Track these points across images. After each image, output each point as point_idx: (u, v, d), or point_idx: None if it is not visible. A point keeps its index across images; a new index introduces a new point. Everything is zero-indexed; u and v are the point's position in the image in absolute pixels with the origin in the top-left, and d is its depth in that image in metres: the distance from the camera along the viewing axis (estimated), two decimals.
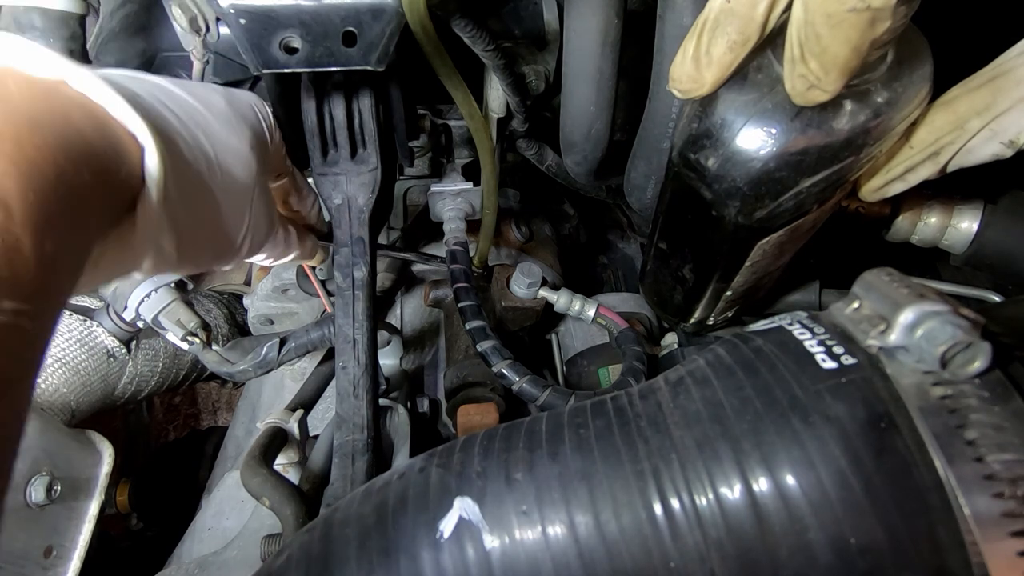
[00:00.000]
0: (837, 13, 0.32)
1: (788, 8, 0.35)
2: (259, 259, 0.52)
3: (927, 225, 0.61)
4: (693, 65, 0.40)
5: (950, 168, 0.46)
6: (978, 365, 0.29)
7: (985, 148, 0.44)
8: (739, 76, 0.41)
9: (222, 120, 0.40)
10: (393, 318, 0.88)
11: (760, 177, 0.44)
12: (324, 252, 0.61)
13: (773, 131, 0.41)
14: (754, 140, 0.42)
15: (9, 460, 0.24)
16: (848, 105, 0.40)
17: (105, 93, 0.31)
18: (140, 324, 0.80)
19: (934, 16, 0.39)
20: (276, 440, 0.63)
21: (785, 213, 0.47)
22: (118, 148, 0.31)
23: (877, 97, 0.40)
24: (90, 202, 0.29)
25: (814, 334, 0.34)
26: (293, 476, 0.63)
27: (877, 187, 0.49)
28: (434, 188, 0.69)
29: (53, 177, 0.26)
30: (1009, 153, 0.43)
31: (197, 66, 0.54)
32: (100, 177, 0.29)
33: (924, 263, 0.81)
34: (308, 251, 0.57)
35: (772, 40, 0.38)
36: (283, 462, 0.65)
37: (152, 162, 0.32)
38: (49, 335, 0.27)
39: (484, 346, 0.62)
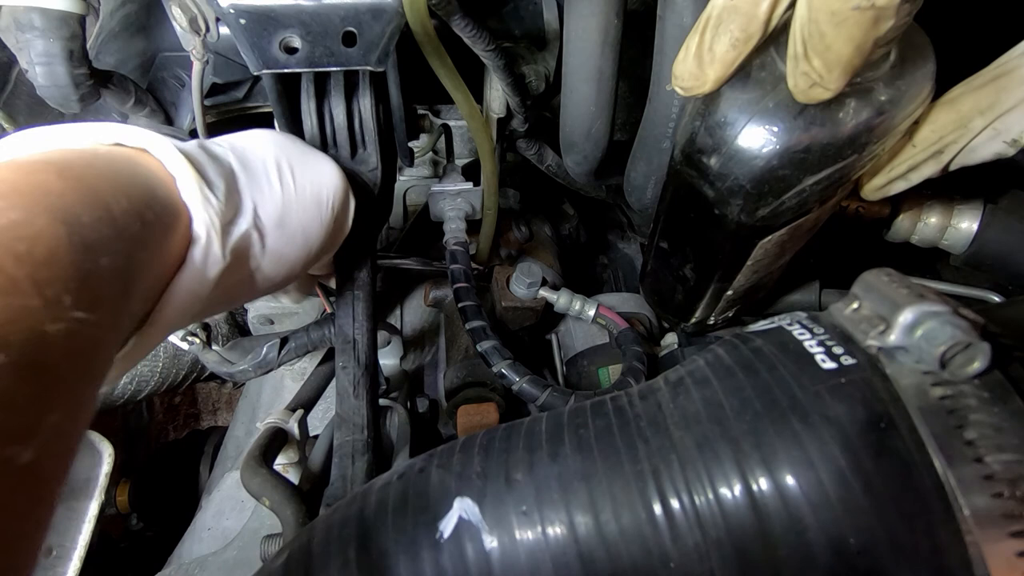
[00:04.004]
0: (841, 11, 0.32)
1: (791, 6, 0.35)
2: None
3: (927, 225, 0.61)
4: (695, 62, 0.40)
5: (953, 167, 0.46)
6: (978, 365, 0.29)
7: (988, 147, 0.44)
8: (742, 74, 0.41)
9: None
10: (393, 318, 0.88)
11: (763, 175, 0.43)
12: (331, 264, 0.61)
13: (776, 129, 0.41)
14: (757, 138, 0.42)
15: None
16: (851, 103, 0.40)
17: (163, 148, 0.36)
18: None
19: (937, 15, 0.39)
20: (276, 440, 0.63)
21: (787, 211, 0.46)
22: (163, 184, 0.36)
23: (880, 95, 0.40)
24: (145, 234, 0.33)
25: (814, 334, 0.34)
26: (293, 476, 0.63)
27: (879, 186, 0.49)
28: (434, 188, 0.68)
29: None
30: (1012, 152, 0.43)
31: (197, 66, 0.54)
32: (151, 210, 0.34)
33: (924, 263, 0.81)
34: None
35: (775, 38, 0.38)
36: (283, 462, 0.65)
37: (190, 188, 0.36)
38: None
39: (484, 346, 0.62)
